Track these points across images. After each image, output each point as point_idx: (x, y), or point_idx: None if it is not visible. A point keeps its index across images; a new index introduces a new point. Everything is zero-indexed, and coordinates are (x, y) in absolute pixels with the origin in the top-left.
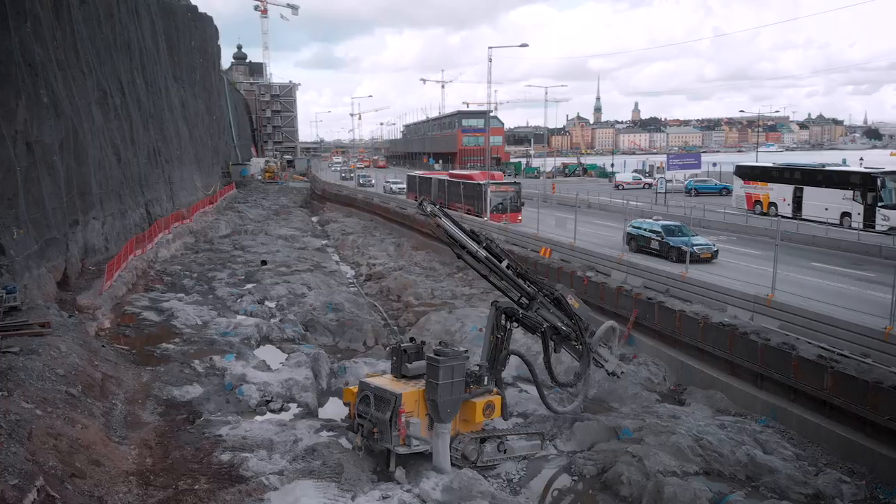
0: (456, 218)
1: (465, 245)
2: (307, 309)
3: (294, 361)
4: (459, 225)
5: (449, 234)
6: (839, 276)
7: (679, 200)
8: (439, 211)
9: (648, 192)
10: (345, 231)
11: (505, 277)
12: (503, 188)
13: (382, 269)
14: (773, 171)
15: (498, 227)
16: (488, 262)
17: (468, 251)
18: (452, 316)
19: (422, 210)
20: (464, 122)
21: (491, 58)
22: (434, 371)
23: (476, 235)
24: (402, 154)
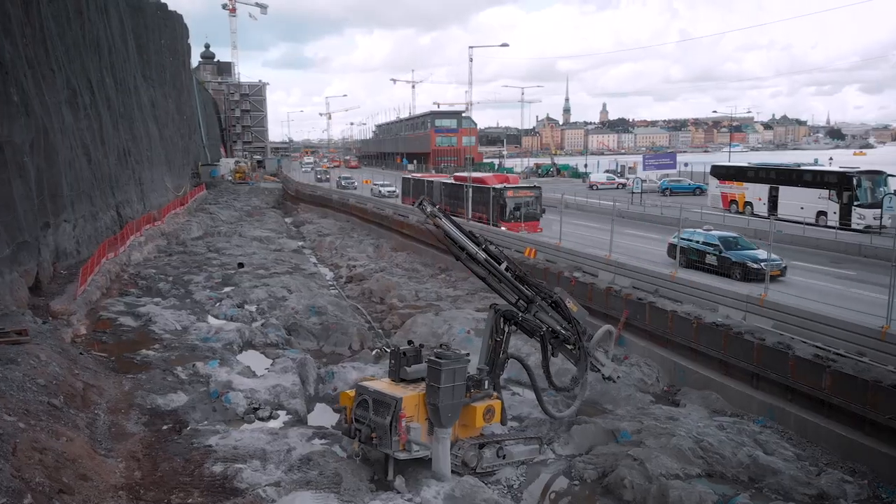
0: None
1: (465, 247)
2: (289, 313)
3: (280, 367)
4: (459, 226)
5: (449, 235)
6: (821, 275)
7: (654, 200)
8: (439, 212)
9: (623, 193)
10: (321, 232)
11: (504, 280)
12: (521, 193)
13: (363, 271)
14: (749, 170)
15: (515, 237)
16: (487, 265)
17: (467, 253)
18: (439, 318)
19: (421, 210)
20: (437, 123)
21: (472, 57)
22: (436, 375)
23: (475, 237)
24: (373, 154)
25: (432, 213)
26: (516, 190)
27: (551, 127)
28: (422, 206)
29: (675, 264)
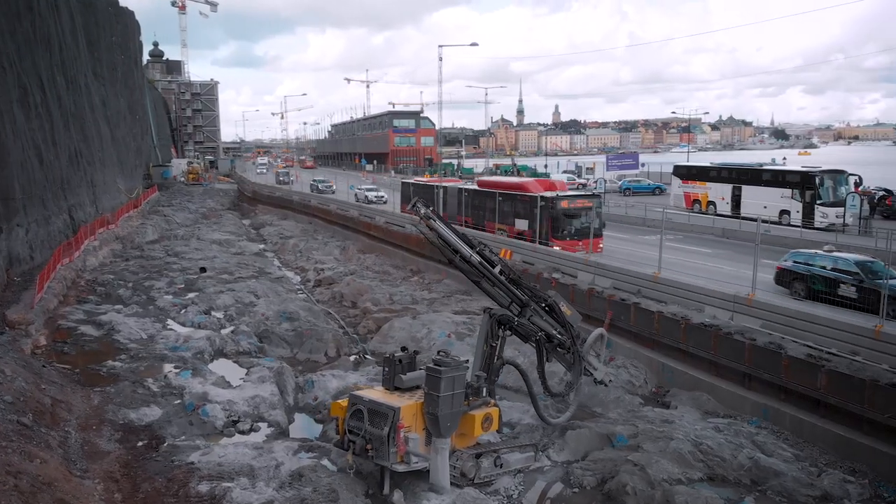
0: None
1: (459, 250)
2: (259, 319)
3: (257, 376)
4: (453, 228)
5: (443, 237)
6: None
7: (617, 200)
8: (432, 213)
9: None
10: (283, 234)
11: (498, 283)
12: (579, 202)
13: (332, 275)
14: (712, 170)
15: (570, 259)
16: (481, 268)
17: (461, 256)
18: (417, 322)
19: (414, 212)
20: (395, 123)
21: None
22: (435, 383)
23: (468, 239)
24: (329, 154)
25: (426, 216)
26: (572, 199)
27: (506, 128)
28: (415, 208)
29: (780, 291)
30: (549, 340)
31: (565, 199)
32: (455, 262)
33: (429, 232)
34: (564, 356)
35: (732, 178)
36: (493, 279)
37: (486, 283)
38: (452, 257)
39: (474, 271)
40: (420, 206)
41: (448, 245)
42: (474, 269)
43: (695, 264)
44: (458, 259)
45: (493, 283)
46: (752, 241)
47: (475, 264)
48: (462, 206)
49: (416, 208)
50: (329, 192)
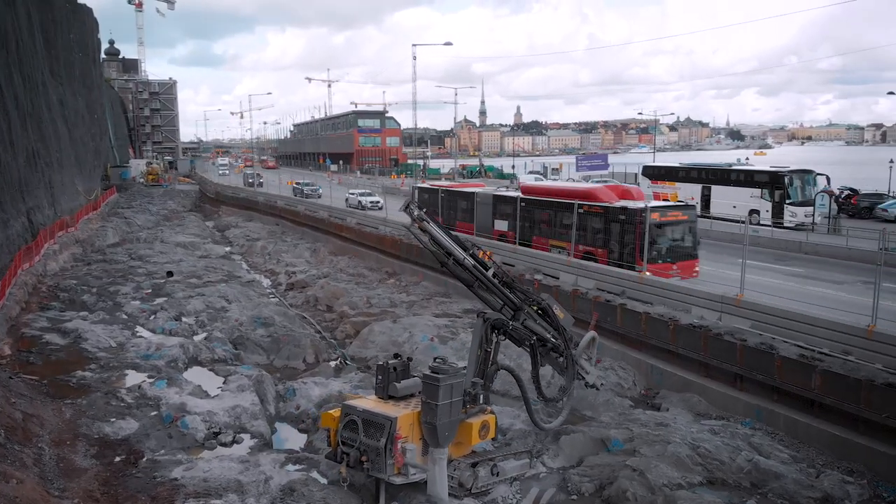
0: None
1: (452, 252)
2: (233, 325)
3: (235, 385)
4: (446, 230)
5: (436, 240)
6: (773, 273)
7: None
8: (425, 215)
9: None
10: (249, 237)
11: (492, 287)
12: (672, 215)
13: (305, 278)
14: (681, 170)
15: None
16: (475, 271)
17: (455, 259)
18: (398, 326)
19: (408, 213)
20: (360, 123)
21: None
22: (433, 391)
23: (461, 241)
24: (292, 154)
25: (419, 217)
26: (665, 211)
27: (469, 129)
28: (408, 210)
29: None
30: (543, 344)
31: (657, 212)
32: (448, 266)
33: (421, 234)
34: (557, 360)
35: (702, 178)
36: (487, 282)
37: (480, 286)
38: (445, 260)
39: (468, 275)
40: (413, 208)
41: (441, 248)
42: (468, 272)
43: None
44: (452, 262)
45: (487, 286)
46: (725, 241)
47: (469, 267)
48: (501, 217)
49: (408, 210)
50: (315, 195)
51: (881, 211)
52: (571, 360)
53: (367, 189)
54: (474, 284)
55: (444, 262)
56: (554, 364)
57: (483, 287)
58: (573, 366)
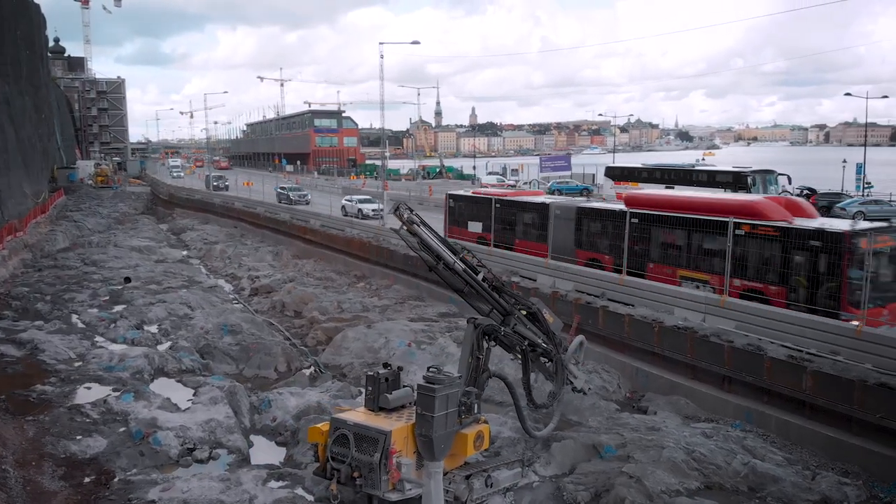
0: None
1: (442, 256)
2: (198, 333)
3: (207, 397)
4: (436, 233)
5: (425, 244)
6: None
7: None
8: (416, 217)
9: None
10: (206, 240)
11: (482, 292)
12: (886, 240)
13: (270, 282)
14: (643, 171)
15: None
16: (465, 276)
17: (445, 263)
18: (373, 331)
19: (397, 216)
20: (316, 122)
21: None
22: (428, 402)
23: (451, 245)
24: (245, 155)
25: (409, 220)
26: (880, 235)
27: (425, 129)
28: (398, 212)
29: None
30: (533, 349)
31: (864, 238)
32: (437, 271)
33: (409, 237)
34: (546, 365)
35: (664, 179)
36: (478, 287)
37: (471, 291)
38: (435, 265)
39: (458, 280)
40: (403, 210)
41: (431, 252)
42: (458, 277)
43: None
44: (442, 266)
45: (478, 291)
46: None
47: (459, 272)
48: (593, 237)
49: (398, 212)
50: (303, 202)
51: (840, 210)
52: (561, 365)
53: (367, 195)
54: (465, 290)
55: (432, 266)
56: (543, 369)
57: (474, 292)
58: (563, 371)
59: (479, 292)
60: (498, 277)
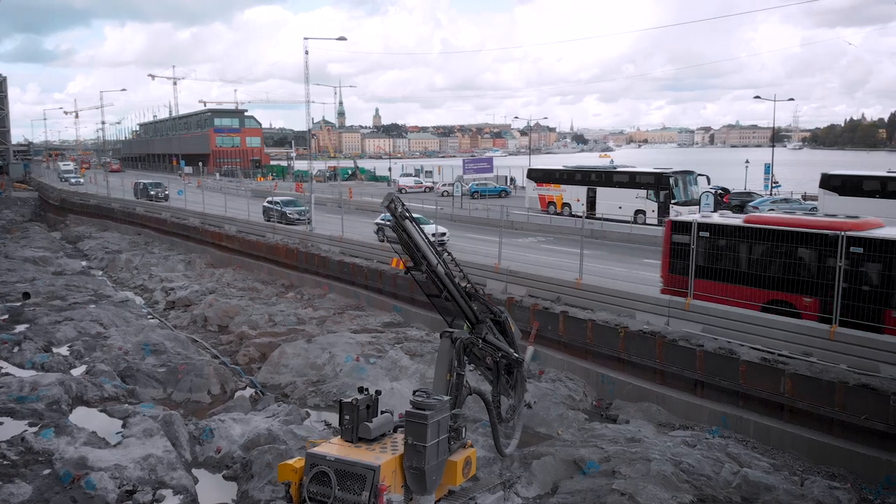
0: None
1: (427, 257)
2: (117, 354)
3: (139, 429)
4: (422, 231)
5: (414, 242)
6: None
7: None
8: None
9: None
10: (107, 249)
11: (456, 297)
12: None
13: (187, 294)
14: (566, 173)
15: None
16: (445, 280)
17: (428, 264)
18: (314, 346)
19: (390, 210)
20: (216, 122)
21: (307, 50)
22: (419, 430)
23: (434, 246)
24: (138, 156)
25: (402, 215)
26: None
27: (328, 130)
28: (391, 205)
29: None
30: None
31: None
32: (411, 272)
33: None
34: (509, 378)
35: (586, 181)
36: (456, 293)
37: (447, 297)
38: (420, 266)
39: (435, 284)
40: (396, 203)
41: (419, 251)
42: (437, 280)
43: (594, 267)
44: (425, 267)
45: (453, 297)
46: (621, 241)
47: (440, 276)
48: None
49: (391, 205)
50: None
51: (752, 208)
52: (523, 378)
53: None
54: (442, 295)
55: (409, 268)
56: (504, 381)
57: (449, 298)
58: (523, 383)
59: (455, 299)
60: (471, 283)
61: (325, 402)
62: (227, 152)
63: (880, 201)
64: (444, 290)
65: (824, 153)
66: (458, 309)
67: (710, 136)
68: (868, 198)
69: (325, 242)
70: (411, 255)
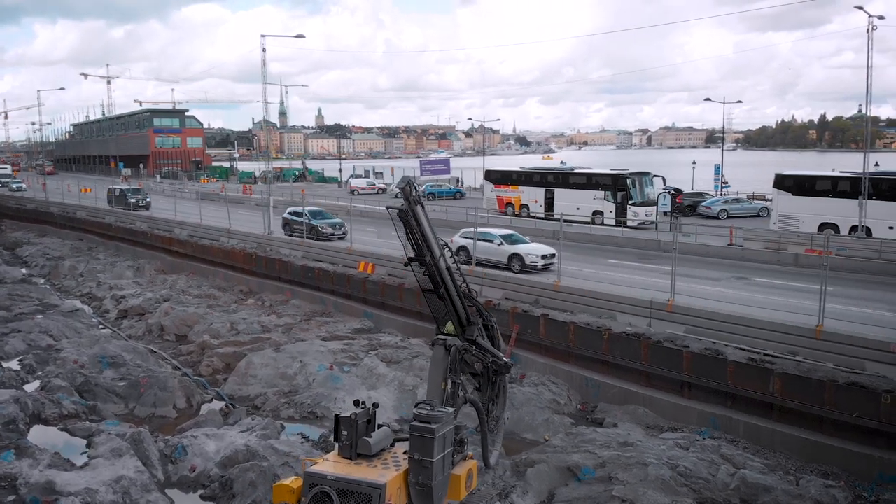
0: None
1: (432, 248)
2: (72, 368)
3: (107, 449)
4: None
5: (422, 230)
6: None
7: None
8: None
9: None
10: (48, 255)
11: (452, 295)
12: None
13: (140, 303)
14: (523, 174)
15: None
16: (446, 274)
17: (432, 256)
18: (283, 354)
19: (403, 194)
20: (156, 122)
21: (264, 48)
22: (426, 445)
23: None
24: (72, 157)
25: (416, 199)
26: None
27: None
28: (406, 189)
29: None
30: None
31: None
32: (411, 264)
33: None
34: (494, 385)
35: (544, 182)
36: (453, 290)
37: (443, 294)
38: (423, 256)
39: (434, 278)
40: (412, 188)
41: (425, 241)
42: (437, 274)
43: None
44: (429, 259)
45: (449, 295)
46: (583, 242)
47: (441, 270)
48: None
49: (407, 189)
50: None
51: (704, 208)
52: (506, 385)
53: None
54: (440, 290)
55: (411, 259)
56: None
57: (446, 295)
58: (506, 390)
59: (451, 296)
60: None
61: (300, 414)
62: (168, 153)
63: (832, 200)
64: (442, 286)
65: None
66: (451, 308)
67: (648, 137)
68: (820, 197)
69: (285, 247)
70: (415, 245)
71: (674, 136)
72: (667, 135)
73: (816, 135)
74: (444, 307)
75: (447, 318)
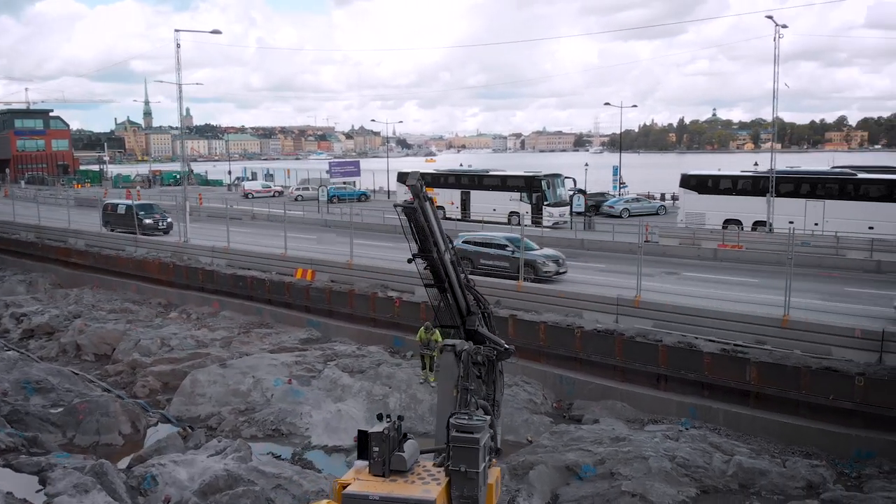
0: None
1: (438, 244)
2: None
3: (68, 484)
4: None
5: (429, 225)
6: (585, 270)
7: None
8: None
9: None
10: None
11: (455, 288)
12: None
13: (47, 320)
14: (439, 176)
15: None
16: (451, 268)
17: (438, 251)
18: (231, 370)
19: (410, 186)
20: (17, 124)
21: (179, 42)
22: (471, 456)
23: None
24: None
25: (424, 196)
26: None
27: (134, 131)
28: (417, 185)
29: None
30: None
31: None
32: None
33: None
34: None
35: (459, 184)
36: (456, 284)
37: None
38: (430, 251)
39: (439, 272)
40: (419, 182)
41: (432, 236)
42: (443, 268)
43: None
44: (435, 255)
45: (451, 287)
46: None
47: (446, 264)
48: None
49: (415, 182)
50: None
51: (608, 208)
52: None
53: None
54: (444, 285)
55: (416, 254)
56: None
57: (450, 290)
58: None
59: (454, 290)
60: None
61: (263, 433)
62: (32, 157)
63: (733, 198)
64: (447, 280)
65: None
66: (453, 300)
67: (521, 141)
68: (723, 195)
69: (204, 254)
70: (422, 240)
71: (545, 139)
72: (539, 139)
73: (675, 137)
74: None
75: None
